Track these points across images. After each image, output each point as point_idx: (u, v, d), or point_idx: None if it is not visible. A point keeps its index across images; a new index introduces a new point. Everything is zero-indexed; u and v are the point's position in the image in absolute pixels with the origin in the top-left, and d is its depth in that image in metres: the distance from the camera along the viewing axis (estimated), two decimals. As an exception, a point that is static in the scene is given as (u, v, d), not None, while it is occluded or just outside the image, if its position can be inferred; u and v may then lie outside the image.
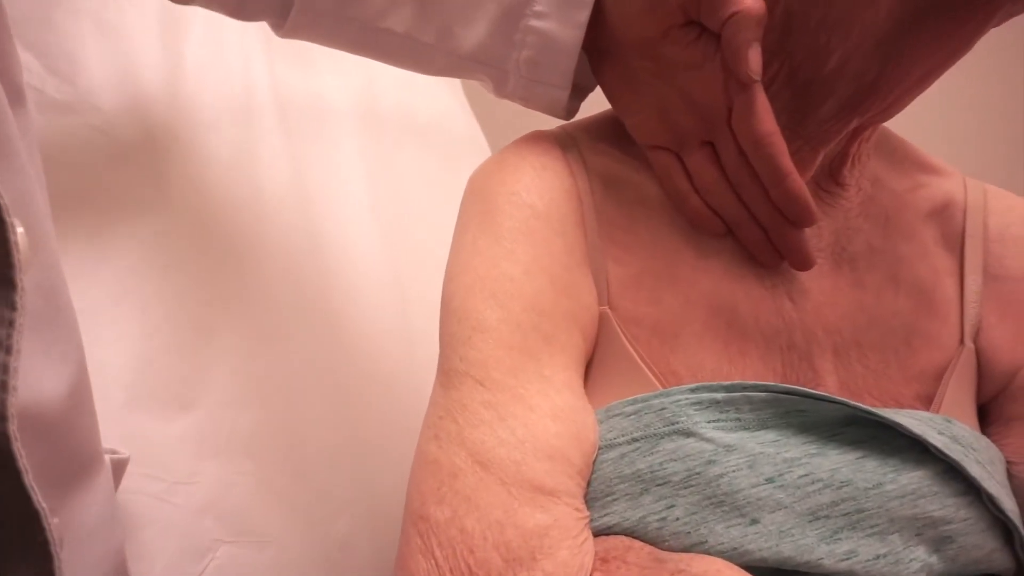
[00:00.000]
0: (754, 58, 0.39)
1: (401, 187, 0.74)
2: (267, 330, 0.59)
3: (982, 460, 0.41)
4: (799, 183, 0.41)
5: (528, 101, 0.46)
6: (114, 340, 0.52)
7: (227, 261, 0.59)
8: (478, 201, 0.44)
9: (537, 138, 0.46)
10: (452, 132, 0.82)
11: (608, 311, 0.43)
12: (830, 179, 0.45)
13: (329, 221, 0.67)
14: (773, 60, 0.41)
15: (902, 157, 0.49)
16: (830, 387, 0.43)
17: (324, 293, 0.64)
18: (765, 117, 0.40)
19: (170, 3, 0.50)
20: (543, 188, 0.43)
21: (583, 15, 0.42)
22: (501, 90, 0.46)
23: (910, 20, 0.38)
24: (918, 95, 0.41)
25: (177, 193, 0.59)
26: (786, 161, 0.40)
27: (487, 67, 0.45)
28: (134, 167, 0.58)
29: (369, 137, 0.73)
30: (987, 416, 0.46)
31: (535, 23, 0.43)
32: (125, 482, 0.45)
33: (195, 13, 0.50)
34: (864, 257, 0.45)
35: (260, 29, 0.52)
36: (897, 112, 0.42)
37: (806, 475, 0.38)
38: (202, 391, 0.54)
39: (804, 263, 0.43)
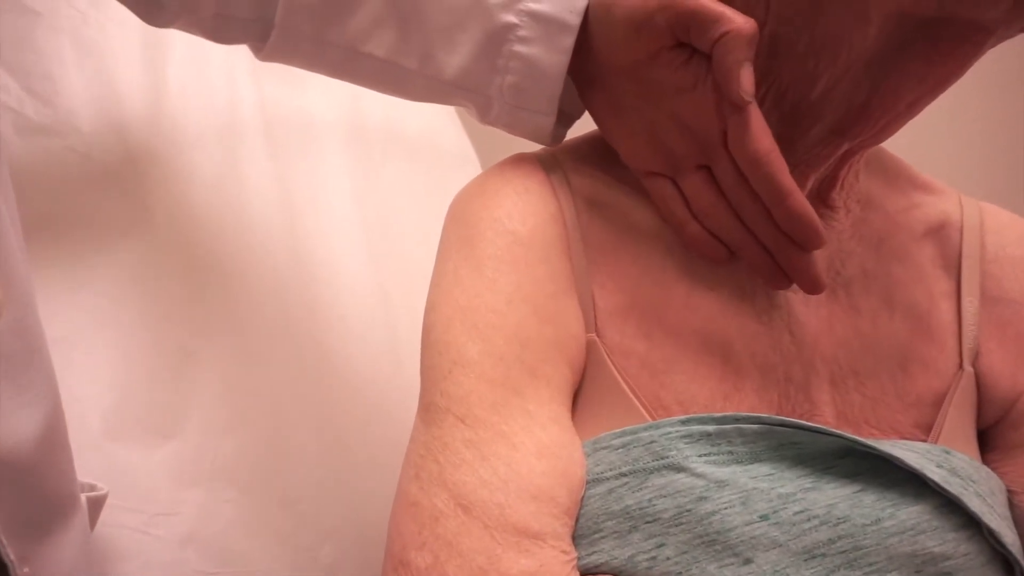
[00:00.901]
0: (746, 78, 0.37)
1: (389, 203, 0.73)
2: (251, 353, 0.58)
3: (982, 492, 0.39)
4: (802, 201, 0.38)
5: (512, 127, 0.45)
6: (93, 367, 0.51)
7: (211, 283, 0.58)
8: (460, 227, 0.43)
9: (520, 160, 0.45)
10: (441, 146, 0.81)
11: (595, 339, 0.41)
12: (820, 202, 0.44)
13: (316, 239, 0.66)
14: (761, 83, 0.40)
15: (895, 176, 0.47)
16: (828, 418, 0.42)
17: (310, 313, 0.63)
18: (762, 135, 0.38)
19: None
20: (526, 213, 0.42)
21: (568, 40, 0.41)
22: (485, 116, 0.45)
23: (898, 46, 0.37)
24: (909, 120, 0.40)
25: (160, 215, 0.58)
26: (787, 179, 0.38)
27: (470, 93, 0.44)
28: (116, 189, 0.57)
29: (356, 152, 0.72)
30: (988, 443, 0.45)
31: (519, 48, 0.41)
32: (104, 515, 0.44)
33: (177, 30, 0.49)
34: (858, 281, 0.44)
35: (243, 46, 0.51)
36: (888, 137, 0.41)
37: (801, 511, 0.37)
38: (184, 418, 0.53)
39: (814, 286, 0.40)
